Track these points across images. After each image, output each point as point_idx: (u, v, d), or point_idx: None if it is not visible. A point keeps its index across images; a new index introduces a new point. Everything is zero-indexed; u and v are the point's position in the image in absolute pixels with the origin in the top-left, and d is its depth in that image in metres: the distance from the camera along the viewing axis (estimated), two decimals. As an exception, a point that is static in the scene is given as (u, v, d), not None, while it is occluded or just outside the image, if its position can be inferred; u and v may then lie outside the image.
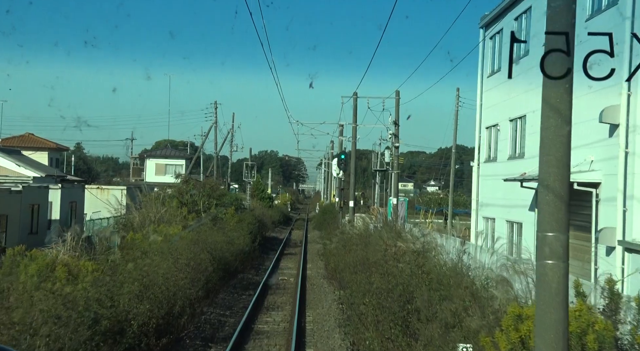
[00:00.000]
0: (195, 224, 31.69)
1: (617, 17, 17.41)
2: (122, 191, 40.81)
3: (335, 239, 37.08)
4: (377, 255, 22.39)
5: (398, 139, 40.60)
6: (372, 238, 27.70)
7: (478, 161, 30.33)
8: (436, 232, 34.90)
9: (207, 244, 24.32)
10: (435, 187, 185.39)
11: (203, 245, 23.54)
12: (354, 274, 21.68)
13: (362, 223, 40.08)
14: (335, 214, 57.78)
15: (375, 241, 26.79)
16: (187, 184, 42.24)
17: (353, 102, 40.81)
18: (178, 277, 18.29)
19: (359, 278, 19.52)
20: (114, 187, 43.09)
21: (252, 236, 38.85)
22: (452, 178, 58.77)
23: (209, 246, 24.46)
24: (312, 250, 45.15)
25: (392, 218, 36.82)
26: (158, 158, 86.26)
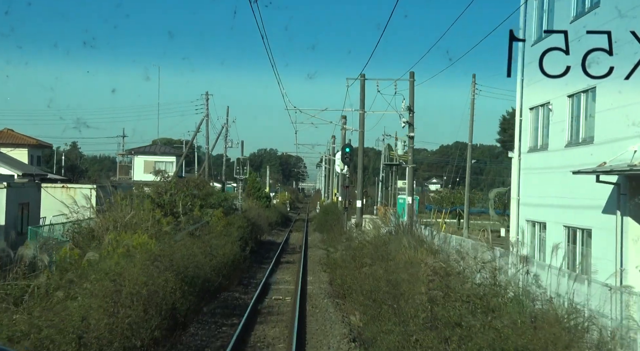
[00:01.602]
0: (180, 235, 25.94)
1: None
2: (91, 190, 34.73)
3: (340, 246, 31.24)
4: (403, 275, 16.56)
5: (413, 128, 34.72)
6: (391, 249, 21.85)
7: (519, 151, 24.43)
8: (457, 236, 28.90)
9: (174, 260, 18.43)
10: (438, 185, 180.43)
11: (167, 262, 17.64)
12: (374, 304, 15.83)
13: (371, 227, 34.22)
14: (338, 214, 51.90)
15: (396, 253, 20.96)
16: (169, 183, 36.45)
17: (360, 85, 35.05)
18: (118, 317, 12.42)
19: (384, 312, 13.68)
20: (81, 185, 37.17)
21: (242, 243, 33.02)
22: (469, 174, 52.87)
23: (178, 262, 18.57)
24: (313, 257, 39.25)
25: (407, 221, 30.98)
26: (147, 155, 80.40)
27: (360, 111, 35.05)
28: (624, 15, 15.81)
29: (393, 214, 30.04)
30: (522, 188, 24.14)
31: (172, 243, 23.74)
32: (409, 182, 35.11)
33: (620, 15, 15.89)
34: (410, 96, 34.91)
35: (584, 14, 19.53)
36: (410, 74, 35.03)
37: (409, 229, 27.44)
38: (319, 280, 29.39)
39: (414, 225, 27.97)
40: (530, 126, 23.74)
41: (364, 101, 35.06)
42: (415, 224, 28.34)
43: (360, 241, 29.29)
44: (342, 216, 45.88)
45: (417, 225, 30.04)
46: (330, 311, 21.64)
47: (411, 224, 28.36)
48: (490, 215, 56.19)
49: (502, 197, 58.57)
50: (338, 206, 61.68)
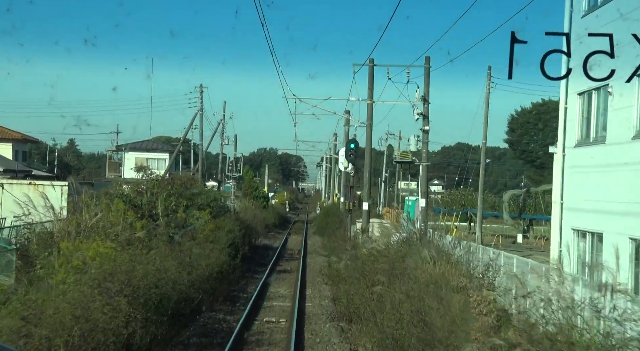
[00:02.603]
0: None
1: None
2: (62, 188, 30.63)
3: (344, 255, 27.08)
4: (432, 303, 12.45)
5: (428, 120, 30.56)
6: (409, 263, 17.71)
7: (563, 146, 20.24)
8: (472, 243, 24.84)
9: (134, 279, 14.26)
10: (439, 186, 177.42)
11: (123, 283, 13.48)
12: (395, 346, 11.67)
13: (380, 233, 30.04)
14: (340, 217, 47.72)
15: (416, 269, 16.82)
16: (150, 180, 32.37)
17: (368, 71, 30.84)
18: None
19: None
20: (51, 182, 32.98)
21: (232, 250, 28.85)
22: (482, 176, 48.63)
23: (139, 281, 14.40)
24: (313, 265, 35.09)
25: (421, 226, 26.90)
26: (139, 151, 76.26)
27: (368, 100, 30.87)
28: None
29: (406, 218, 25.85)
30: (568, 189, 19.96)
31: (142, 253, 19.66)
32: (423, 182, 30.92)
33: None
34: (425, 84, 30.76)
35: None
36: (425, 60, 30.88)
37: (424, 237, 23.36)
38: (319, 295, 25.24)
39: (430, 231, 23.84)
40: (578, 115, 19.54)
41: (373, 90, 30.88)
42: (432, 230, 24.20)
43: (369, 251, 25.16)
44: (345, 219, 41.68)
45: (433, 231, 26.05)
46: (334, 341, 17.44)
47: (426, 231, 24.25)
48: (505, 219, 52.00)
49: (517, 199, 54.43)
50: (340, 207, 57.47)
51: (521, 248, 45.13)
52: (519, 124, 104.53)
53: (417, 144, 30.82)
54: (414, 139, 30.82)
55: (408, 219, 28.83)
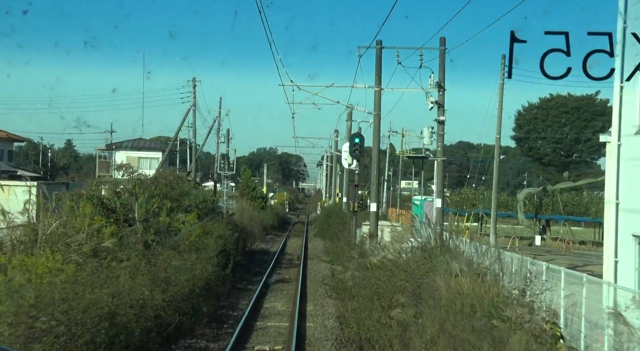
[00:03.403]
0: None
1: None
2: (30, 189, 26.82)
3: (351, 264, 23.50)
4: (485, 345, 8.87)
5: (444, 110, 26.98)
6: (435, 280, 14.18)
7: (618, 134, 16.64)
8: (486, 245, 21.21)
9: (77, 309, 10.65)
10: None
11: (58, 317, 9.86)
12: None
13: (390, 237, 26.47)
14: (343, 219, 44.15)
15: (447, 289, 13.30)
16: (131, 180, 28.83)
17: (375, 55, 27.20)
18: None
19: None
20: (19, 183, 29.36)
21: (222, 258, 25.29)
22: (496, 172, 44.97)
23: (86, 312, 10.80)
24: (315, 273, 31.54)
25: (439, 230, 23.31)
26: (129, 150, 72.63)
27: (376, 87, 27.24)
28: None
29: (427, 223, 22.24)
30: (626, 187, 16.35)
31: (106, 268, 16.17)
32: (439, 179, 27.28)
33: None
34: (439, 68, 27.15)
35: None
36: (440, 41, 27.24)
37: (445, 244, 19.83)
38: (322, 312, 21.65)
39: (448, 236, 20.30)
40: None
41: (381, 76, 27.25)
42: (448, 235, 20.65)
43: (380, 260, 21.60)
44: (349, 221, 38.10)
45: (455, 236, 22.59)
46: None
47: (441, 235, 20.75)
48: (520, 219, 48.31)
49: (533, 198, 50.77)
50: (342, 208, 53.88)
51: (539, 250, 41.53)
52: (525, 120, 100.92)
53: (432, 137, 27.20)
54: (427, 131, 27.21)
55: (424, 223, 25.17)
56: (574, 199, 53.21)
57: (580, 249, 44.34)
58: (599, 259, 39.08)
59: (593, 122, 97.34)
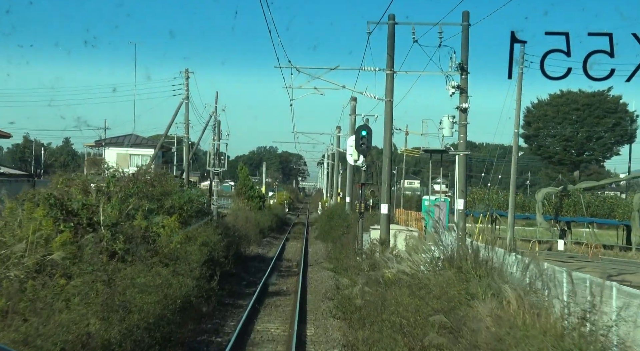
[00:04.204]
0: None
1: None
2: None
3: (361, 278, 19.70)
4: None
5: (467, 96, 23.20)
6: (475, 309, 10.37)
7: None
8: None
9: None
10: (443, 185, 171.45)
11: None
12: None
13: (403, 244, 22.68)
14: (346, 220, 40.36)
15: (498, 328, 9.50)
16: (104, 177, 25.19)
17: (388, 33, 23.33)
18: None
19: None
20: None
21: (208, 269, 21.52)
22: (514, 170, 41.15)
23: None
24: (316, 283, 27.79)
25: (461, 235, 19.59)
26: (121, 147, 69.03)
27: (388, 70, 23.41)
28: None
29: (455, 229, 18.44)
30: None
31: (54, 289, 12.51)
32: (461, 177, 23.47)
33: None
34: (462, 47, 23.36)
35: None
36: (462, 16, 23.41)
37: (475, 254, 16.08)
38: (326, 337, 17.83)
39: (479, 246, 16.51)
40: None
41: (393, 56, 23.42)
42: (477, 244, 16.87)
43: (396, 275, 17.85)
44: (354, 224, 34.29)
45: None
46: None
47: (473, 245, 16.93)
48: (538, 221, 44.42)
49: (551, 198, 46.90)
50: (346, 208, 50.07)
51: (562, 256, 37.70)
52: (535, 118, 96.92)
53: (453, 128, 23.37)
54: (448, 121, 23.35)
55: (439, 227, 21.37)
56: (596, 200, 49.39)
57: (606, 254, 40.53)
58: (632, 266, 35.32)
59: (605, 119, 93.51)
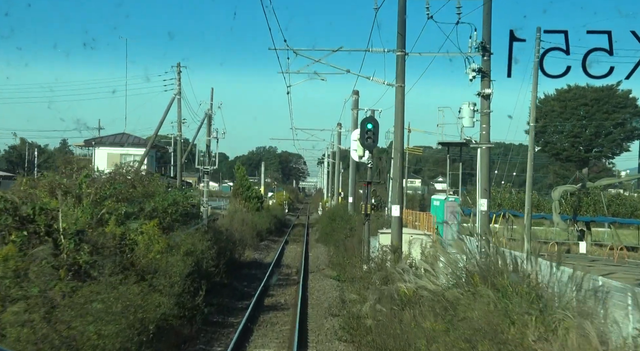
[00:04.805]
0: None
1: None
2: None
3: (371, 292, 16.64)
4: None
5: (489, 81, 20.19)
6: None
7: None
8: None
9: None
10: (444, 183, 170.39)
11: None
12: None
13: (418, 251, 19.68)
14: (350, 223, 37.36)
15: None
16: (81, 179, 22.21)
17: (398, 5, 20.26)
18: None
19: None
20: None
21: (193, 282, 18.53)
22: (530, 166, 38.12)
23: None
24: (318, 294, 24.81)
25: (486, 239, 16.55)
26: (112, 146, 66.03)
27: (399, 51, 20.37)
28: None
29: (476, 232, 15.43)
30: None
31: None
32: (483, 174, 20.44)
33: None
34: (484, 24, 20.36)
35: None
36: (484, -11, 20.39)
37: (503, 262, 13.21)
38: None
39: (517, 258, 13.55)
40: None
41: (405, 35, 20.37)
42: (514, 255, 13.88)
43: (416, 291, 14.90)
44: (358, 227, 31.29)
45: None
46: None
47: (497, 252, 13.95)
48: (555, 222, 41.30)
49: (570, 197, 43.84)
50: (348, 209, 47.04)
51: (583, 259, 34.66)
52: (541, 113, 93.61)
53: (473, 117, 20.35)
54: (468, 109, 20.32)
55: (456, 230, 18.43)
56: (617, 199, 46.32)
57: (631, 257, 37.49)
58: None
59: (614, 114, 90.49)
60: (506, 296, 11.88)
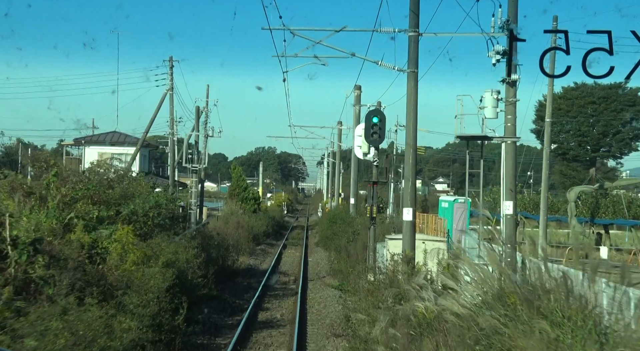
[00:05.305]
0: None
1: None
2: None
3: (382, 314, 13.95)
4: None
5: (516, 66, 17.54)
6: None
7: None
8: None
9: None
10: (444, 184, 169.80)
11: None
12: None
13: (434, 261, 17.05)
14: (353, 226, 34.68)
15: None
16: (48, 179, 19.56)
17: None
18: None
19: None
20: None
21: (173, 298, 15.92)
22: (546, 167, 35.46)
23: None
24: (319, 307, 22.16)
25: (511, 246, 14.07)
26: (102, 145, 63.45)
27: (411, 31, 17.72)
28: None
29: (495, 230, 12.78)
30: None
31: None
32: (509, 172, 17.79)
33: None
34: (510, 1, 17.70)
35: None
36: (509, -41, 17.74)
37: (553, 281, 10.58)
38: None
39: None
40: None
41: (418, 13, 17.67)
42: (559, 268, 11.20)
43: (437, 313, 12.27)
44: (363, 232, 28.64)
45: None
46: None
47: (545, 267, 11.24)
48: (571, 224, 38.65)
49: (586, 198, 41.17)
50: (350, 211, 44.37)
51: (606, 265, 31.90)
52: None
53: (497, 107, 17.70)
54: (490, 98, 17.68)
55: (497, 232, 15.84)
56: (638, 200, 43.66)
57: (655, 263, 34.80)
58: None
59: (622, 113, 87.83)
60: (555, 324, 9.35)
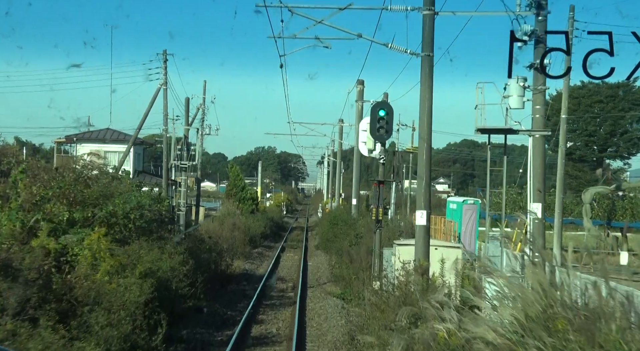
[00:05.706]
0: None
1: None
2: None
3: (395, 337, 11.75)
4: None
5: (546, 46, 15.37)
6: None
7: None
8: None
9: None
10: (445, 185, 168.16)
11: None
12: None
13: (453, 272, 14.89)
14: (355, 229, 32.50)
15: None
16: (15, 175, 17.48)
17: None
18: None
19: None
20: None
21: (151, 314, 13.75)
22: (561, 164, 33.29)
23: None
24: (319, 320, 19.97)
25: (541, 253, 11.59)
26: (94, 142, 61.23)
27: (426, 9, 15.45)
28: None
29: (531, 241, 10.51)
30: None
31: None
32: (537, 171, 15.59)
33: None
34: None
35: None
36: None
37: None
38: None
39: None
40: None
41: (434, -12, 15.47)
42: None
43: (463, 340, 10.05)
44: (367, 235, 26.46)
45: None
46: None
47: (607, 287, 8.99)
48: (586, 227, 36.44)
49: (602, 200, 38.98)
50: (352, 212, 42.20)
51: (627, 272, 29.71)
52: (553, 111, 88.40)
53: (523, 96, 15.50)
54: (517, 86, 15.48)
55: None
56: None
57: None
58: None
59: (631, 112, 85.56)
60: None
